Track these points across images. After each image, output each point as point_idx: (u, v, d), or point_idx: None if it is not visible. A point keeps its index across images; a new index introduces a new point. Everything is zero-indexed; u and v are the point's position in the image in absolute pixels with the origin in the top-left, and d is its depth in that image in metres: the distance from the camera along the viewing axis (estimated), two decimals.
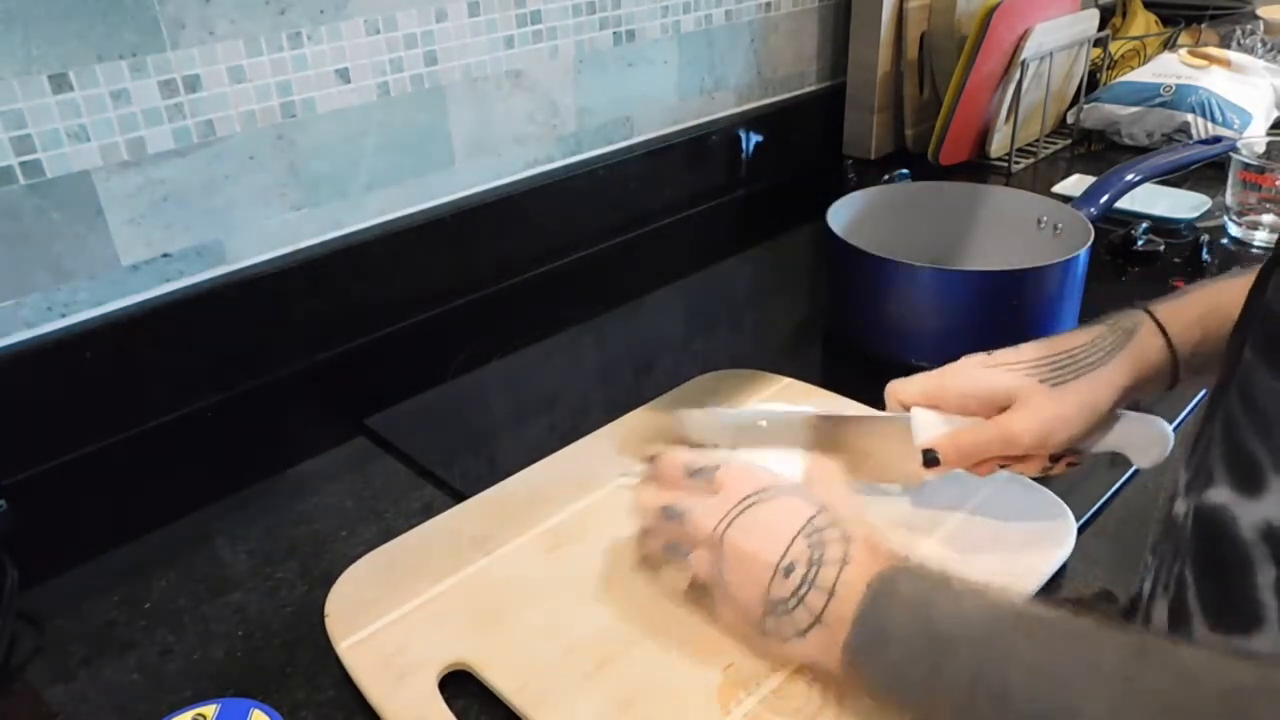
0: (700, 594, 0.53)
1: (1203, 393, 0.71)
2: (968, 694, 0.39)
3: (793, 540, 0.47)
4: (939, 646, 0.41)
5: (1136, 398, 0.56)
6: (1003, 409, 0.55)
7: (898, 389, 0.59)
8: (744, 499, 0.49)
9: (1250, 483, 0.37)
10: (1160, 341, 0.54)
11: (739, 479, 0.51)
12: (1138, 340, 0.54)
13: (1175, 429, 0.58)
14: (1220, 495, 0.39)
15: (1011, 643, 0.39)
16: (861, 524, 0.48)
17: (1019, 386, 0.54)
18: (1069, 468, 0.58)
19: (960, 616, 0.41)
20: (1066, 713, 0.36)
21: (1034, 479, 0.63)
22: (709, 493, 0.51)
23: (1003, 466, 0.58)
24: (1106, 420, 0.55)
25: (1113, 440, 0.57)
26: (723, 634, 0.51)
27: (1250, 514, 0.37)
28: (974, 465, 0.58)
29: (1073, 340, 0.56)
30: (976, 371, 0.57)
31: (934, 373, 0.58)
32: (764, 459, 0.55)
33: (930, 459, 0.56)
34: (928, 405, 0.57)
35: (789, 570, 0.46)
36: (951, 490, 0.62)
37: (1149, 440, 0.57)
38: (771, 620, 0.47)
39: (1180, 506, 0.44)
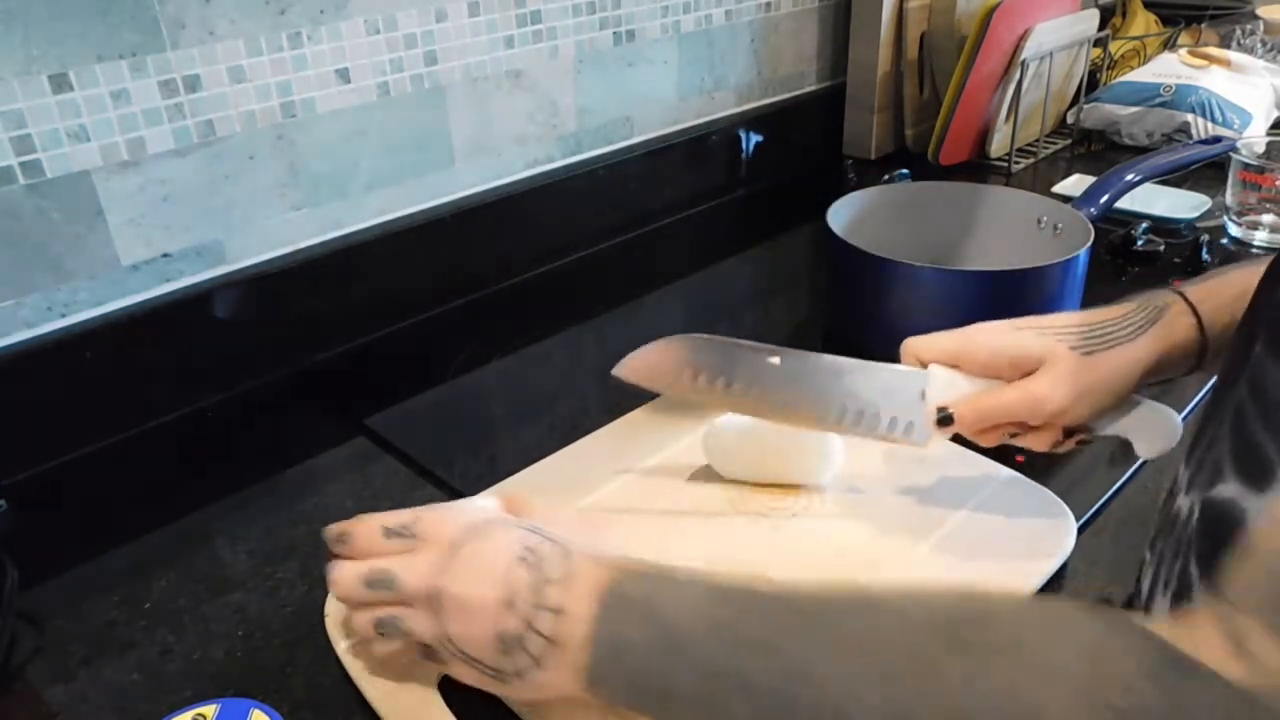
0: (432, 654, 0.47)
1: (1203, 391, 0.71)
2: (710, 690, 0.39)
3: (509, 570, 0.44)
4: (672, 646, 0.40)
5: (1161, 377, 0.55)
6: (1028, 374, 0.54)
7: (917, 345, 0.57)
8: (450, 544, 0.46)
9: (1259, 477, 0.37)
10: (1191, 321, 0.54)
11: (439, 526, 0.47)
12: (1168, 318, 0.54)
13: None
14: (1229, 490, 0.39)
15: (740, 626, 0.39)
16: (579, 536, 0.46)
17: (1051, 350, 0.54)
18: (1078, 445, 0.57)
19: (687, 609, 0.41)
20: (804, 681, 0.36)
21: (1033, 479, 0.63)
22: (411, 550, 0.47)
23: (1013, 436, 0.57)
24: (1127, 399, 0.55)
25: (1123, 425, 0.56)
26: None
27: (1259, 508, 0.37)
28: (984, 431, 0.56)
29: (1104, 314, 0.55)
30: (1005, 332, 0.56)
31: (959, 331, 0.57)
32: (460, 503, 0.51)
33: (945, 418, 0.55)
34: (948, 365, 0.56)
35: (511, 601, 0.43)
36: (951, 490, 0.62)
37: (1159, 430, 0.56)
38: (506, 659, 0.43)
39: (1182, 503, 0.44)
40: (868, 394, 0.58)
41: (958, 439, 0.59)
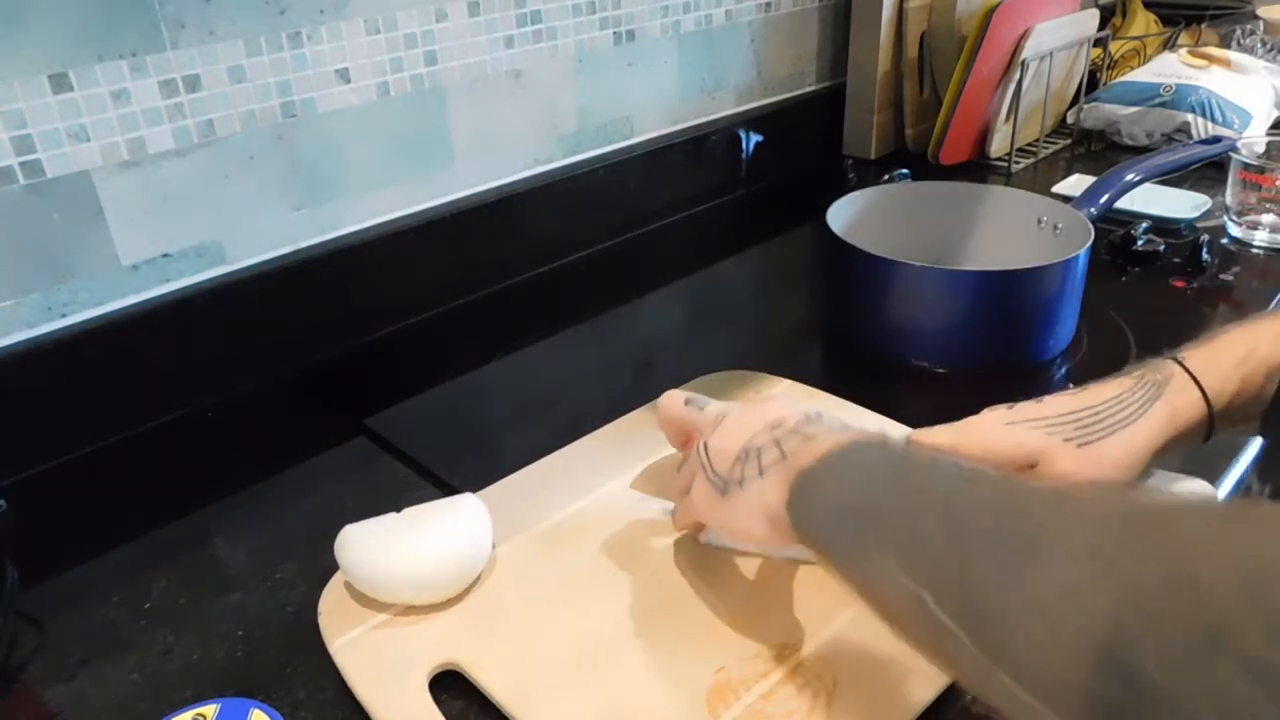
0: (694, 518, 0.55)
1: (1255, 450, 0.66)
2: (923, 512, 0.39)
3: (788, 411, 0.50)
4: (906, 470, 0.42)
5: (1167, 455, 0.53)
6: (1024, 469, 0.52)
7: (916, 438, 0.57)
8: (750, 399, 0.54)
9: None
10: (1195, 395, 0.52)
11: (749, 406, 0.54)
12: (1170, 395, 0.52)
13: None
14: None
15: (976, 485, 0.39)
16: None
17: (1043, 447, 0.52)
18: None
19: (935, 463, 0.42)
20: (1026, 536, 0.34)
21: None
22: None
23: None
24: (1139, 480, 0.53)
25: None
26: (694, 514, 0.54)
27: None
28: None
29: (1099, 395, 0.53)
30: (998, 429, 0.54)
31: (955, 426, 0.55)
32: None
33: None
34: None
35: (776, 425, 0.49)
36: None
37: None
38: (736, 468, 0.49)
39: None
40: None
41: None
